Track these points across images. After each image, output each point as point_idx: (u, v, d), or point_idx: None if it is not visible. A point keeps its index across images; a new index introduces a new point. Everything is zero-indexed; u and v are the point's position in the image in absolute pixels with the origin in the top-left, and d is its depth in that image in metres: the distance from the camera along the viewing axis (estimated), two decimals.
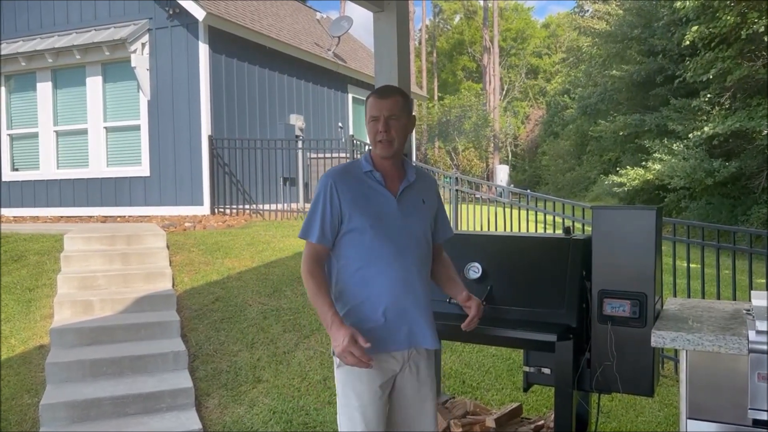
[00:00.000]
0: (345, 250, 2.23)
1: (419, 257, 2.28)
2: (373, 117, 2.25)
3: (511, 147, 34.52)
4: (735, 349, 2.02)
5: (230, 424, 4.30)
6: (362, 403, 2.18)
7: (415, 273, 2.25)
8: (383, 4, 3.55)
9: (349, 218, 2.20)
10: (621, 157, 19.09)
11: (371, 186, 2.26)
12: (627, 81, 17.35)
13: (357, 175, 2.28)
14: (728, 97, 13.62)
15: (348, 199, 2.21)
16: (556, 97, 32.29)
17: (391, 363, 2.23)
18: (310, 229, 2.23)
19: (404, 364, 2.25)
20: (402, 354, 2.24)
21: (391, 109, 2.25)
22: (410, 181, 2.32)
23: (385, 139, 2.23)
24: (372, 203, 2.24)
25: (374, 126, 2.25)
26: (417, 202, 2.33)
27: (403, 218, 2.26)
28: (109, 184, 9.87)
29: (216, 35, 9.38)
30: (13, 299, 5.84)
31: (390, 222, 2.23)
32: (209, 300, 5.87)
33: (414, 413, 2.27)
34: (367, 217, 2.20)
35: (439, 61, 40.79)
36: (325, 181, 2.24)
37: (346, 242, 2.22)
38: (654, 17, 16.21)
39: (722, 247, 4.86)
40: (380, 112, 2.24)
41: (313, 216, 2.23)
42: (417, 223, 2.30)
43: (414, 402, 2.27)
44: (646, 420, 4.16)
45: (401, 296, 2.22)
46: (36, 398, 4.51)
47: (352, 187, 2.24)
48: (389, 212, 2.24)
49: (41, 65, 10.08)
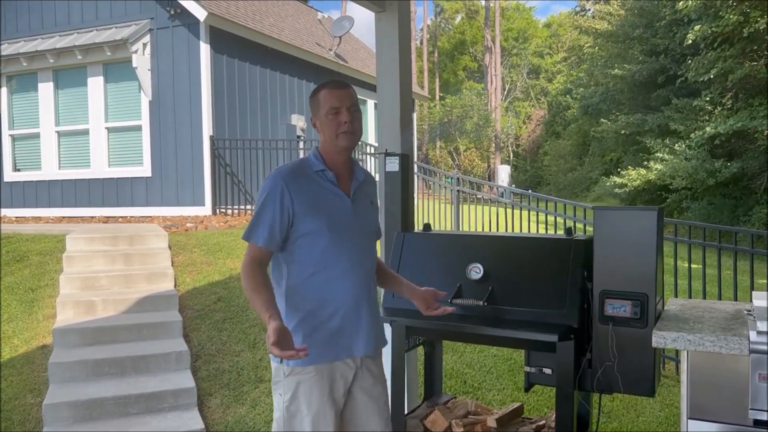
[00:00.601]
0: (298, 254, 2.11)
1: (371, 260, 2.25)
2: (333, 108, 2.12)
3: (512, 147, 34.50)
4: (736, 350, 2.03)
5: (232, 424, 4.31)
6: (314, 413, 2.07)
7: (368, 276, 2.20)
8: (384, 4, 3.55)
9: (303, 221, 2.09)
10: (622, 158, 19.08)
11: (324, 186, 2.15)
12: (629, 81, 17.34)
13: (308, 175, 2.15)
14: (730, 97, 13.62)
15: (302, 201, 2.09)
16: (557, 97, 32.28)
17: (346, 370, 2.15)
18: (255, 231, 2.09)
19: (358, 369, 2.18)
20: (356, 360, 2.17)
21: (351, 99, 2.15)
22: (359, 180, 2.24)
23: (350, 130, 2.12)
24: (327, 205, 2.13)
25: (336, 117, 2.12)
26: (367, 203, 2.26)
27: (357, 220, 2.18)
28: (111, 184, 9.89)
29: (217, 35, 9.40)
30: (15, 299, 5.85)
31: (345, 224, 2.14)
32: (211, 300, 5.88)
33: (370, 413, 2.20)
34: (323, 220, 2.10)
35: (440, 60, 40.80)
36: (275, 182, 2.10)
37: (300, 246, 2.10)
38: (656, 17, 16.19)
39: (723, 248, 4.87)
40: (341, 103, 2.13)
41: (261, 218, 2.09)
42: (368, 225, 2.25)
43: (369, 402, 2.20)
44: (647, 420, 4.16)
45: (359, 300, 2.15)
46: (39, 398, 4.53)
47: (304, 189, 2.11)
48: (344, 214, 2.15)
49: (43, 65, 10.10)
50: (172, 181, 9.48)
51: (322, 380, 2.09)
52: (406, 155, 3.49)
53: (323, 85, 2.20)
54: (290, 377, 2.09)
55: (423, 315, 2.42)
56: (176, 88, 9.39)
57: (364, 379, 2.20)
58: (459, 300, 2.70)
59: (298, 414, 2.08)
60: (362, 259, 2.18)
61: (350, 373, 2.16)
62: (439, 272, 2.90)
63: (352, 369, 2.16)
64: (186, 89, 9.32)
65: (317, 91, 2.19)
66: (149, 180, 9.63)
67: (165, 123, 9.48)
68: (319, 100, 2.16)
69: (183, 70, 9.32)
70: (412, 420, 3.05)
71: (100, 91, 9.92)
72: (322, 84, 2.22)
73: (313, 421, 2.07)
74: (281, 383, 2.12)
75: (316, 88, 2.23)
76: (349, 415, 2.18)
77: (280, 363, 2.09)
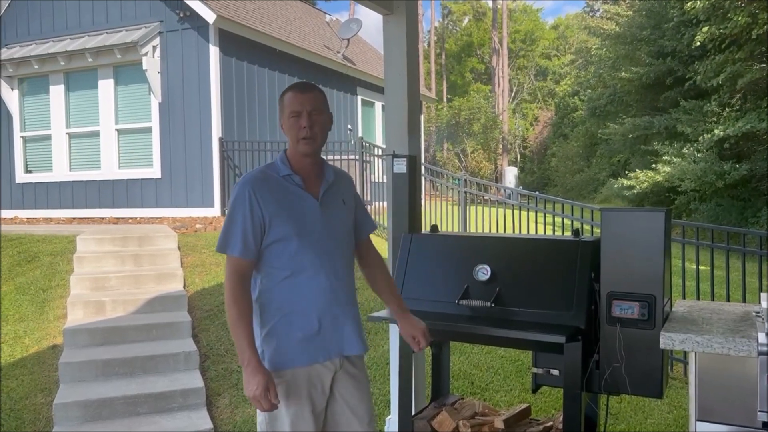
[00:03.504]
0: (269, 260, 2.09)
1: (345, 261, 2.22)
2: (294, 112, 2.10)
3: (519, 149, 34.43)
4: (745, 352, 2.03)
5: (241, 424, 4.34)
6: (292, 415, 2.08)
7: (343, 277, 2.18)
8: (392, 6, 3.57)
9: (272, 228, 2.07)
10: (630, 160, 19.00)
11: (292, 191, 2.13)
12: (636, 83, 17.25)
13: (275, 180, 2.13)
14: (739, 99, 13.54)
15: (270, 208, 2.06)
16: (565, 98, 32.17)
17: (324, 373, 2.14)
18: (229, 241, 2.05)
19: (336, 371, 2.17)
20: (334, 362, 2.16)
21: (313, 104, 2.12)
22: (329, 181, 2.21)
23: (309, 135, 2.10)
24: (295, 210, 2.11)
25: (296, 122, 2.10)
26: (338, 204, 2.24)
27: (327, 222, 2.16)
28: (121, 185, 9.95)
29: (226, 38, 9.45)
30: (27, 300, 5.91)
31: (315, 228, 2.12)
32: (220, 301, 5.91)
33: (350, 421, 2.20)
34: (292, 225, 2.08)
35: (447, 63, 40.77)
36: (242, 190, 2.07)
37: (270, 252, 2.09)
38: (664, 18, 16.11)
39: (732, 249, 4.85)
40: (302, 107, 2.10)
41: (232, 227, 2.06)
42: (340, 226, 2.22)
43: (347, 410, 2.20)
44: (654, 422, 4.15)
45: (332, 302, 2.14)
46: (49, 397, 4.57)
47: (272, 195, 2.09)
48: (313, 218, 2.13)
49: (54, 68, 10.18)
50: (181, 183, 9.53)
51: (299, 382, 2.10)
52: (414, 157, 3.50)
53: (289, 87, 2.18)
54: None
55: (431, 317, 2.42)
56: (186, 91, 9.45)
57: (344, 384, 2.20)
58: (466, 301, 2.71)
59: (279, 415, 2.09)
60: (333, 261, 2.15)
61: (328, 375, 2.16)
62: (447, 273, 2.91)
63: (331, 371, 2.16)
64: (195, 91, 9.38)
65: (283, 93, 2.17)
66: (159, 181, 9.69)
67: (174, 125, 9.54)
68: (283, 102, 2.15)
69: (192, 72, 9.38)
70: (420, 421, 3.06)
71: (110, 93, 9.99)
72: (289, 86, 2.20)
73: (291, 422, 2.09)
74: None
75: (284, 90, 2.21)
76: (330, 417, 2.20)
77: None
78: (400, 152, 3.49)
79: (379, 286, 2.41)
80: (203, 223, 8.66)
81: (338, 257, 2.18)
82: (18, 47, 10.55)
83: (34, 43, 10.48)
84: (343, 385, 2.19)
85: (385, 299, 2.44)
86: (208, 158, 9.33)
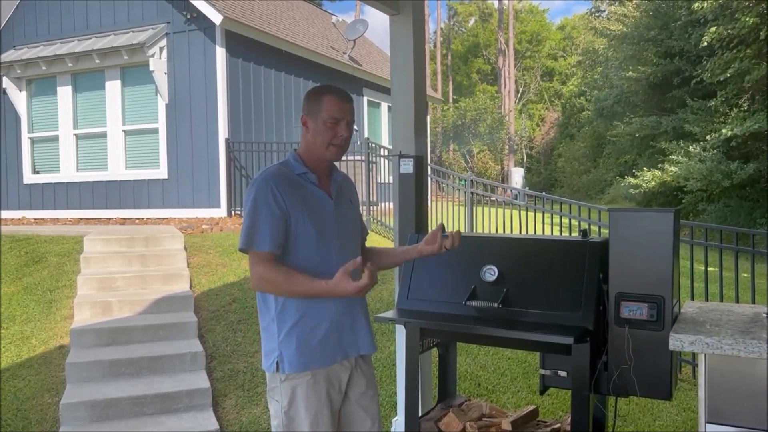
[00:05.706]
0: (289, 258, 2.07)
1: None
2: (335, 118, 2.11)
3: (526, 149, 34.36)
4: (755, 353, 2.01)
5: (247, 425, 4.34)
6: (312, 415, 2.08)
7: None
8: (399, 6, 3.56)
9: (294, 224, 2.06)
10: (637, 160, 18.92)
11: (308, 189, 2.14)
12: (643, 83, 17.19)
13: (293, 177, 2.13)
14: (746, 99, 13.46)
15: (292, 205, 2.06)
16: (571, 99, 32.10)
17: (341, 372, 2.16)
18: (256, 237, 2.01)
19: (353, 370, 2.20)
20: (351, 361, 2.19)
21: (351, 115, 2.16)
22: (338, 181, 2.25)
23: (342, 144, 2.13)
24: (315, 208, 2.12)
25: (334, 128, 2.11)
26: (347, 203, 2.27)
27: (341, 220, 2.19)
28: (128, 186, 9.99)
29: (233, 39, 9.47)
30: (34, 300, 5.93)
31: (332, 226, 2.14)
32: (226, 301, 5.92)
33: (364, 415, 2.22)
34: (312, 223, 2.08)
35: (453, 63, 40.73)
36: (264, 185, 2.05)
37: (287, 251, 2.06)
38: (671, 18, 16.04)
39: (740, 250, 4.81)
40: (343, 115, 2.12)
41: (257, 222, 2.02)
42: (351, 225, 2.25)
43: (360, 411, 2.21)
44: (663, 424, 4.13)
45: (350, 301, 2.14)
46: (56, 397, 4.59)
47: (293, 191, 2.09)
48: (329, 216, 2.15)
49: (61, 69, 10.24)
50: (187, 184, 9.56)
51: (319, 383, 2.10)
52: (420, 157, 3.49)
53: (329, 89, 2.16)
54: (286, 383, 2.09)
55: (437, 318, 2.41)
56: (192, 92, 9.48)
57: (358, 384, 2.22)
58: (473, 302, 2.70)
59: (297, 417, 2.08)
60: (349, 259, 2.13)
61: (345, 375, 2.18)
62: (453, 274, 2.90)
63: (348, 370, 2.18)
64: (202, 92, 9.40)
65: (321, 93, 2.15)
66: (165, 182, 9.72)
67: (181, 126, 9.57)
68: (321, 103, 2.12)
69: (199, 73, 9.40)
70: (427, 422, 3.05)
71: (117, 94, 10.03)
72: (327, 87, 2.18)
73: (311, 422, 2.08)
74: (277, 389, 2.11)
75: (319, 88, 2.19)
76: (343, 416, 2.21)
77: (276, 371, 2.09)
78: (407, 152, 3.48)
79: (386, 255, 2.46)
80: (210, 224, 8.68)
81: (353, 256, 2.17)
82: (26, 48, 10.61)
83: (42, 44, 10.53)
84: (356, 384, 2.21)
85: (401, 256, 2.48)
86: (214, 159, 9.36)
